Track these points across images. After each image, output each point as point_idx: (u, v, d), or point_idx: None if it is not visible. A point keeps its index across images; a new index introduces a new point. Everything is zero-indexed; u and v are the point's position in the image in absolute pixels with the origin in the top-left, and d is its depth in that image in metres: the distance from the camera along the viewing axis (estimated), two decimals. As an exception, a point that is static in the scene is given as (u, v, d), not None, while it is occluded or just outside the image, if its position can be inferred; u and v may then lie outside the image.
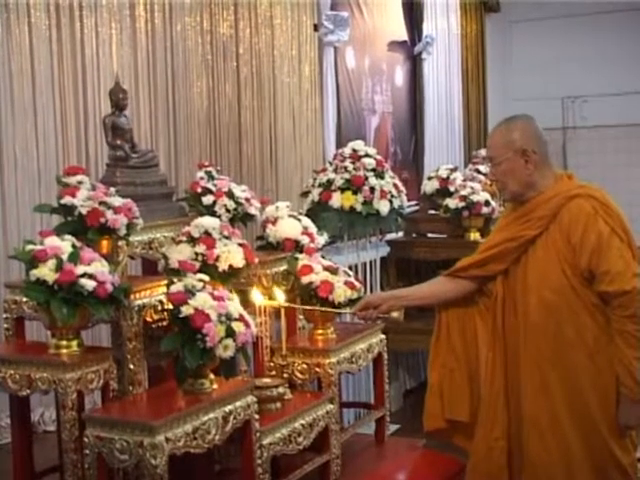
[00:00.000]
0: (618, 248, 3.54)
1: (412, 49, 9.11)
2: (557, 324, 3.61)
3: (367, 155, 6.30)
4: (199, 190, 5.04)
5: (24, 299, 4.10)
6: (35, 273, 3.72)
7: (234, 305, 3.93)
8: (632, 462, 3.68)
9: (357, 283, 4.91)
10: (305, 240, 5.12)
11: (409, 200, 6.91)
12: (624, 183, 11.71)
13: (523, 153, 3.69)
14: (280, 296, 4.40)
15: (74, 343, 3.86)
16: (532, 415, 3.69)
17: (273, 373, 4.60)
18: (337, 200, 6.10)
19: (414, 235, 7.68)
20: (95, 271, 3.77)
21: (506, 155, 3.72)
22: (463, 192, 7.24)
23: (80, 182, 4.15)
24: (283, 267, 4.93)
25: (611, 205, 3.63)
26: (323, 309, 4.64)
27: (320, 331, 4.89)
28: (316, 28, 6.92)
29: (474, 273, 3.88)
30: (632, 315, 3.49)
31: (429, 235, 7.74)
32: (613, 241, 3.54)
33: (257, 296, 4.30)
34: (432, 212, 7.68)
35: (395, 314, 4.01)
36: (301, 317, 5.03)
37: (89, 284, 3.71)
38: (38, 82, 5.74)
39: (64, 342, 3.85)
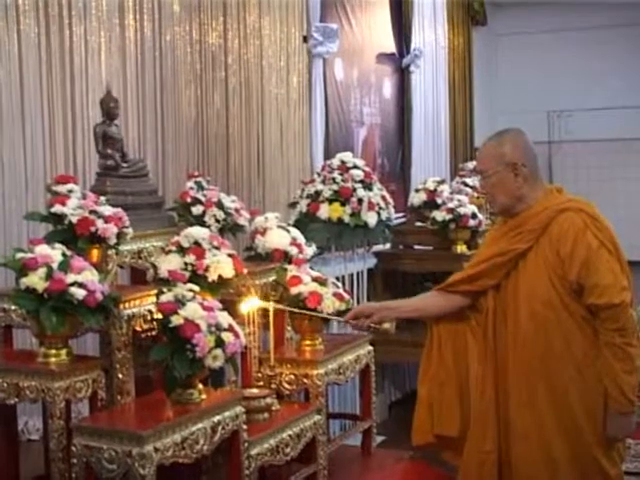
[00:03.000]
0: (607, 261, 3.55)
1: (400, 61, 9.13)
2: (546, 337, 3.62)
3: (355, 167, 6.30)
4: (189, 200, 5.04)
5: (13, 307, 4.09)
6: (25, 281, 3.71)
7: (223, 315, 3.92)
8: (619, 474, 3.69)
9: (345, 294, 4.91)
10: (294, 251, 5.13)
11: (396, 212, 6.92)
12: (609, 197, 11.76)
13: (513, 167, 3.70)
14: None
15: (63, 352, 3.85)
16: (520, 428, 3.69)
17: (261, 384, 4.60)
18: (325, 211, 6.10)
19: (401, 247, 7.69)
20: (85, 280, 3.76)
21: (496, 168, 3.73)
22: (450, 204, 7.26)
23: (70, 191, 4.16)
24: (272, 278, 4.93)
25: (600, 219, 3.64)
26: (314, 314, 4.61)
27: (308, 342, 4.89)
28: (305, 39, 6.92)
29: (465, 288, 3.87)
30: (620, 328, 3.50)
31: (416, 247, 7.75)
32: (602, 254, 3.55)
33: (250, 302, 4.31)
34: (419, 224, 7.68)
35: (387, 325, 3.99)
36: (289, 328, 5.03)
37: (79, 293, 3.71)
38: (26, 90, 5.72)
39: (53, 351, 3.85)
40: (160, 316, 3.87)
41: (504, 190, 3.73)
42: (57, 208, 4.09)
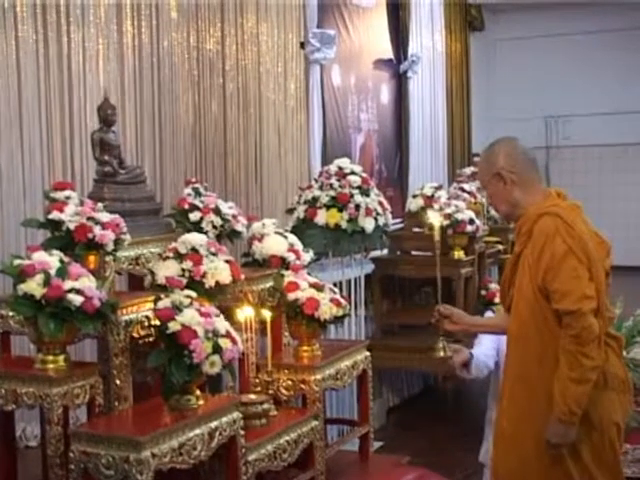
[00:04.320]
0: (573, 268, 3.53)
1: (398, 67, 9.15)
2: (526, 339, 3.66)
3: (353, 173, 6.31)
4: (186, 206, 5.05)
5: (10, 313, 4.10)
6: (23, 288, 3.72)
7: (221, 321, 3.93)
8: None
9: (343, 300, 4.92)
10: (291, 257, 5.14)
11: (393, 218, 6.92)
12: (607, 202, 11.80)
13: (498, 175, 3.76)
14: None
15: (60, 358, 3.86)
16: (500, 426, 3.76)
17: (258, 389, 4.60)
18: (322, 217, 6.11)
19: (398, 253, 7.71)
20: (83, 286, 3.77)
21: (487, 179, 3.84)
22: (448, 210, 7.27)
23: (68, 197, 4.16)
24: (269, 284, 4.94)
25: (575, 225, 3.62)
26: None
27: (305, 348, 4.90)
28: (302, 46, 6.94)
29: (502, 298, 3.97)
30: (575, 335, 3.49)
31: (413, 253, 7.76)
32: (568, 261, 3.54)
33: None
34: (416, 230, 7.70)
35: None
36: (286, 334, 5.05)
37: (77, 299, 3.72)
38: (24, 96, 5.73)
39: (50, 357, 3.85)
40: (157, 322, 3.89)
41: (499, 198, 3.81)
42: (55, 215, 4.09)
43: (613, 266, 3.78)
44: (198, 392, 3.91)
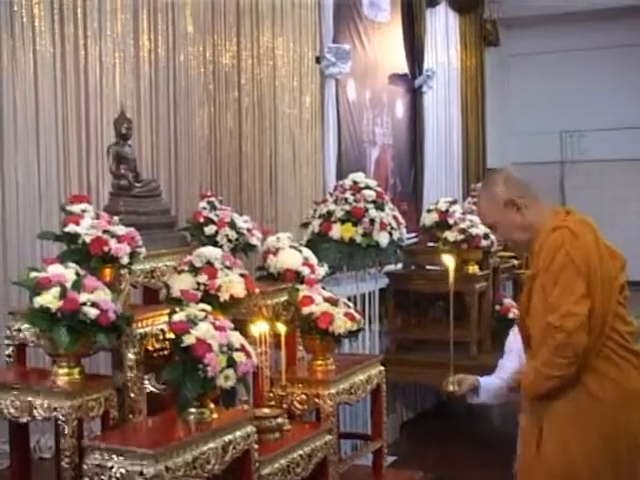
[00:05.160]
0: (568, 282, 3.52)
1: (413, 82, 9.17)
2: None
3: (367, 187, 6.31)
4: (201, 220, 5.06)
5: (26, 326, 4.11)
6: (39, 300, 3.73)
7: (235, 335, 3.94)
8: None
9: (357, 315, 4.92)
10: (306, 271, 5.14)
11: (408, 232, 6.92)
12: (622, 217, 11.77)
13: (511, 203, 3.73)
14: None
15: (75, 370, 3.87)
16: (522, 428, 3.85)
17: (272, 403, 4.60)
18: (337, 231, 6.11)
19: (413, 267, 7.70)
20: (98, 299, 3.78)
21: (498, 214, 3.77)
22: (462, 225, 7.27)
23: (84, 210, 4.18)
24: (284, 298, 4.94)
25: (581, 236, 3.60)
26: None
27: (319, 362, 4.89)
28: (318, 60, 6.96)
29: (521, 328, 3.92)
30: (554, 346, 3.50)
31: (428, 267, 7.75)
32: (566, 272, 3.53)
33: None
34: (431, 244, 7.69)
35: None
36: (301, 348, 5.04)
37: (92, 312, 3.73)
38: (41, 109, 5.77)
39: (65, 369, 3.86)
40: (172, 335, 3.89)
41: (515, 227, 3.77)
42: (71, 227, 4.11)
43: (630, 282, 3.76)
44: (212, 406, 3.91)
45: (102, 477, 3.56)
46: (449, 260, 4.22)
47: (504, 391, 4.27)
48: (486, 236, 7.24)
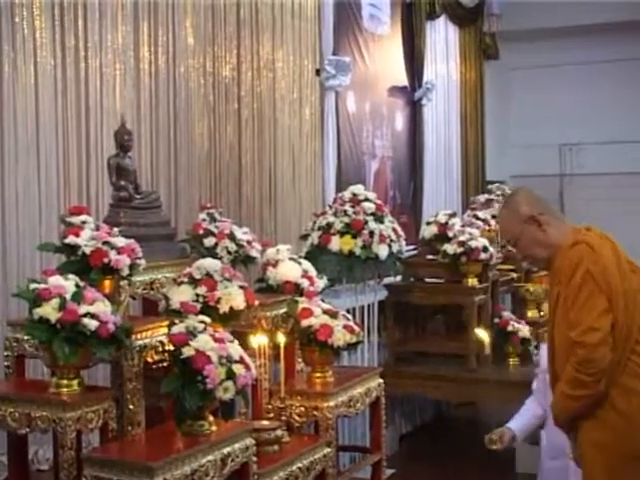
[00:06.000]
0: (588, 297, 3.51)
1: (412, 95, 9.17)
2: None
3: (367, 199, 6.32)
4: (201, 232, 5.07)
5: (25, 337, 4.11)
6: (38, 312, 3.74)
7: (235, 347, 3.94)
8: None
9: (356, 327, 4.92)
10: (305, 283, 5.15)
11: (407, 244, 6.91)
12: (621, 232, 11.72)
13: (532, 219, 3.73)
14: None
15: (75, 382, 3.87)
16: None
17: (271, 415, 4.61)
18: (336, 244, 6.11)
19: (412, 279, 7.69)
20: (98, 311, 3.79)
21: (519, 229, 3.76)
22: (461, 238, 7.26)
23: (84, 222, 4.19)
24: (283, 310, 4.95)
25: (601, 251, 3.61)
26: None
27: (318, 374, 4.90)
28: (318, 72, 6.97)
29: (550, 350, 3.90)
30: (578, 363, 3.48)
31: (427, 280, 7.74)
32: (586, 288, 3.52)
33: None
34: (430, 257, 7.68)
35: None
36: (300, 360, 5.05)
37: (92, 324, 3.73)
38: (42, 121, 5.77)
39: (65, 381, 3.87)
40: (171, 347, 3.90)
41: (537, 244, 3.75)
42: (71, 239, 4.12)
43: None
44: (211, 418, 3.92)
45: (101, 489, 3.57)
46: (482, 333, 4.27)
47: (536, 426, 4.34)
48: (485, 249, 7.23)
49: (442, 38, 10.07)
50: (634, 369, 3.56)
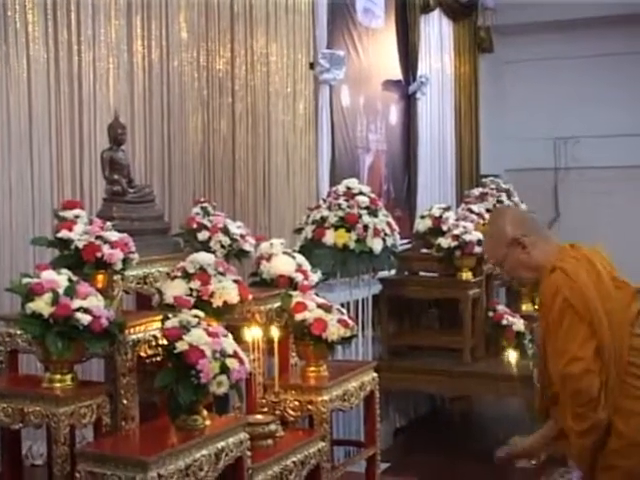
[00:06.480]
0: (569, 326, 3.46)
1: (407, 88, 9.16)
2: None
3: (361, 193, 6.31)
4: (194, 226, 5.06)
5: (18, 332, 4.10)
6: (31, 306, 3.73)
7: (228, 341, 3.93)
8: None
9: (350, 321, 4.92)
10: (299, 277, 5.14)
11: (401, 238, 6.91)
12: (616, 224, 11.75)
13: (516, 242, 3.68)
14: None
15: (68, 377, 3.86)
16: None
17: (265, 410, 4.60)
18: (330, 237, 6.10)
19: (406, 273, 7.70)
20: (91, 305, 3.78)
21: (504, 252, 3.71)
22: (456, 231, 7.27)
23: (77, 216, 4.18)
24: (277, 304, 4.94)
25: (578, 277, 3.53)
26: None
27: (313, 368, 4.89)
28: (312, 66, 6.95)
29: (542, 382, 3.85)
30: (569, 396, 3.44)
31: (421, 274, 7.75)
32: (566, 318, 3.47)
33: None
34: (424, 251, 7.69)
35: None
36: (294, 354, 5.04)
37: (85, 318, 3.72)
38: (35, 115, 5.75)
39: (58, 376, 3.85)
40: (165, 342, 3.89)
41: (522, 266, 3.71)
42: (63, 233, 4.11)
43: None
44: (205, 412, 3.91)
45: (94, 484, 3.56)
46: (512, 356, 4.24)
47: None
48: (479, 242, 7.23)
49: (436, 32, 10.05)
50: (630, 391, 3.49)
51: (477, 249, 7.22)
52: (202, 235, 5.06)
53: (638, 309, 3.60)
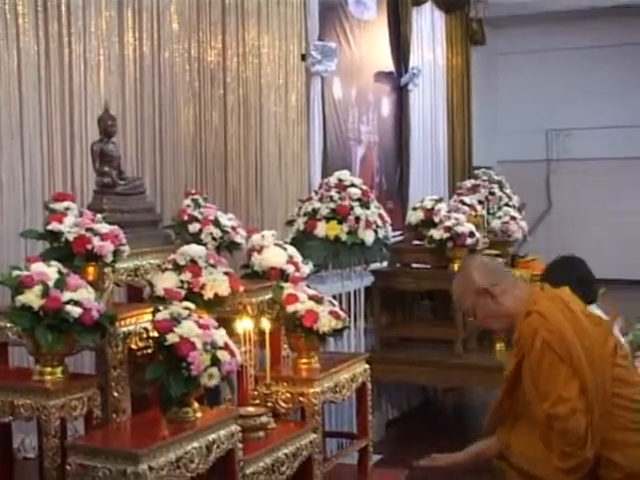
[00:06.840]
0: (550, 368, 3.45)
1: (398, 80, 9.16)
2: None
3: (353, 185, 6.30)
4: (186, 218, 5.05)
5: (8, 325, 4.09)
6: (21, 299, 3.72)
7: (219, 334, 3.92)
8: None
9: (342, 313, 4.91)
10: (290, 269, 5.13)
11: (394, 230, 6.92)
12: (607, 216, 11.78)
13: (485, 292, 3.66)
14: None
15: (58, 370, 3.85)
16: None
17: (257, 402, 4.59)
18: (322, 229, 6.10)
19: (398, 265, 7.69)
20: (81, 298, 3.77)
21: (473, 302, 3.70)
22: (448, 223, 7.27)
23: (67, 208, 4.17)
24: (268, 296, 4.93)
25: (553, 318, 3.52)
26: None
27: (304, 360, 4.88)
28: (304, 58, 6.95)
29: (497, 414, 3.81)
30: (558, 435, 3.42)
31: (413, 265, 7.75)
32: (546, 359, 3.46)
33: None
34: (417, 243, 7.69)
35: None
36: (285, 346, 5.03)
37: (75, 311, 3.71)
38: (25, 107, 5.73)
39: (48, 369, 3.84)
40: (156, 334, 3.88)
41: (493, 315, 3.70)
42: (54, 226, 4.09)
43: (613, 279, 3.71)
44: (196, 405, 3.90)
45: (85, 477, 3.55)
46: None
47: None
48: (471, 234, 7.24)
49: (428, 24, 10.06)
50: (619, 421, 3.48)
51: (469, 241, 7.22)
52: (193, 227, 5.04)
53: (614, 343, 3.61)
